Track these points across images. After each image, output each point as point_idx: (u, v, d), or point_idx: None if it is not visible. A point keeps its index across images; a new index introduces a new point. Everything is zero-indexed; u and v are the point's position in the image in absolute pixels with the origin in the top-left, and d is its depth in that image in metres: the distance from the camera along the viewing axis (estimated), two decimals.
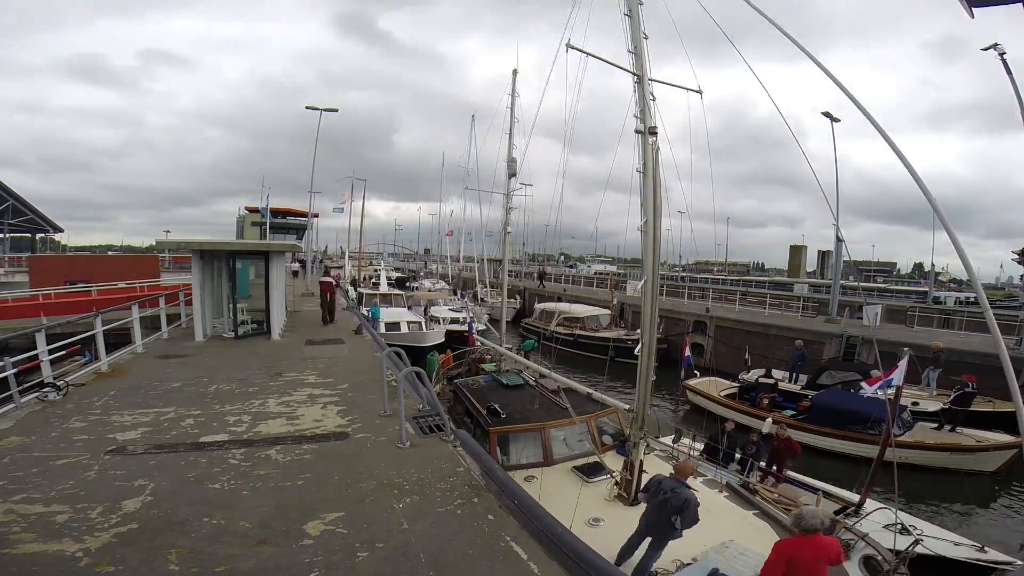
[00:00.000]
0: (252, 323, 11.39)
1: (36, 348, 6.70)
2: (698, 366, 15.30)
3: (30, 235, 43.60)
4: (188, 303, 11.65)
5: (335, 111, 24.12)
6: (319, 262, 36.98)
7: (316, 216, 37.44)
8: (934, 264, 34.59)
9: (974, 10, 4.42)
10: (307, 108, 23.52)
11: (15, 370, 5.80)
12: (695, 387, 14.72)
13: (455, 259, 42.69)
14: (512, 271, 45.37)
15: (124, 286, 20.67)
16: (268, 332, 11.13)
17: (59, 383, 6.55)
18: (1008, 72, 11.95)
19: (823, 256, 54.41)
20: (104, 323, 8.19)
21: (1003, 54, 11.97)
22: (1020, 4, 4.50)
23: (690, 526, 4.90)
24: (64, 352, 8.35)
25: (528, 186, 22.06)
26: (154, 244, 55.56)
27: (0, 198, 35.01)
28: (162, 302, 11.41)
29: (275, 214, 38.95)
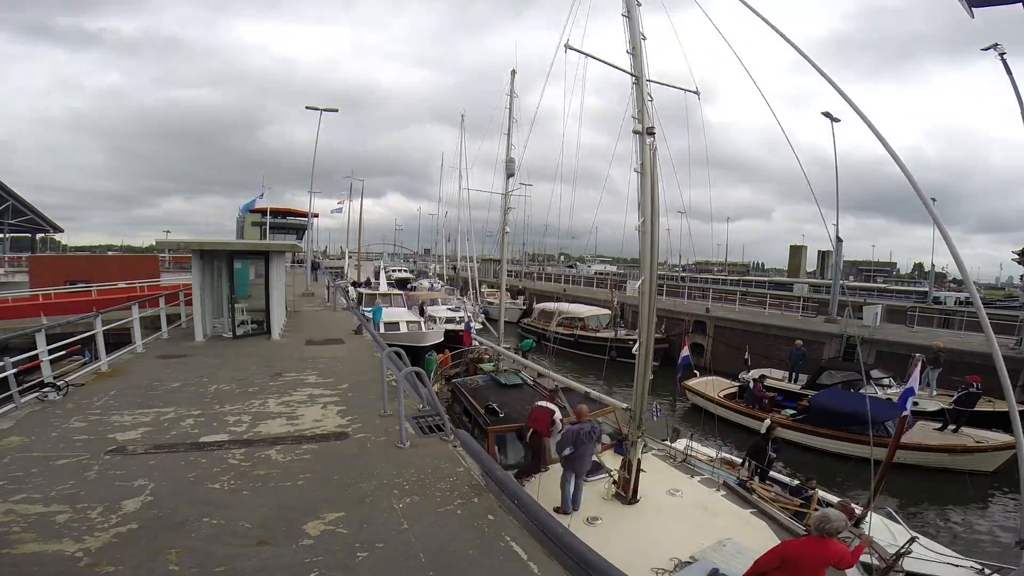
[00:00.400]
0: (252, 323, 11.40)
1: (36, 348, 6.70)
2: (697, 366, 15.28)
3: (30, 235, 43.51)
4: (188, 303, 11.65)
5: (335, 111, 24.05)
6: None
7: (316, 216, 37.47)
8: (934, 264, 34.61)
9: (974, 10, 4.43)
10: (307, 108, 23.44)
11: (15, 370, 5.79)
12: (694, 387, 14.72)
13: (451, 259, 42.64)
14: (512, 271, 45.46)
15: (124, 286, 20.66)
16: (268, 332, 11.14)
17: (59, 383, 6.55)
18: (1008, 72, 11.94)
19: (823, 256, 54.49)
20: (104, 323, 8.19)
21: (1003, 54, 11.95)
22: (1020, 4, 4.51)
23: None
24: (64, 352, 8.35)
25: (528, 185, 21.98)
26: (154, 244, 55.62)
27: (0, 198, 34.98)
28: (162, 302, 11.41)
29: (275, 214, 38.98)
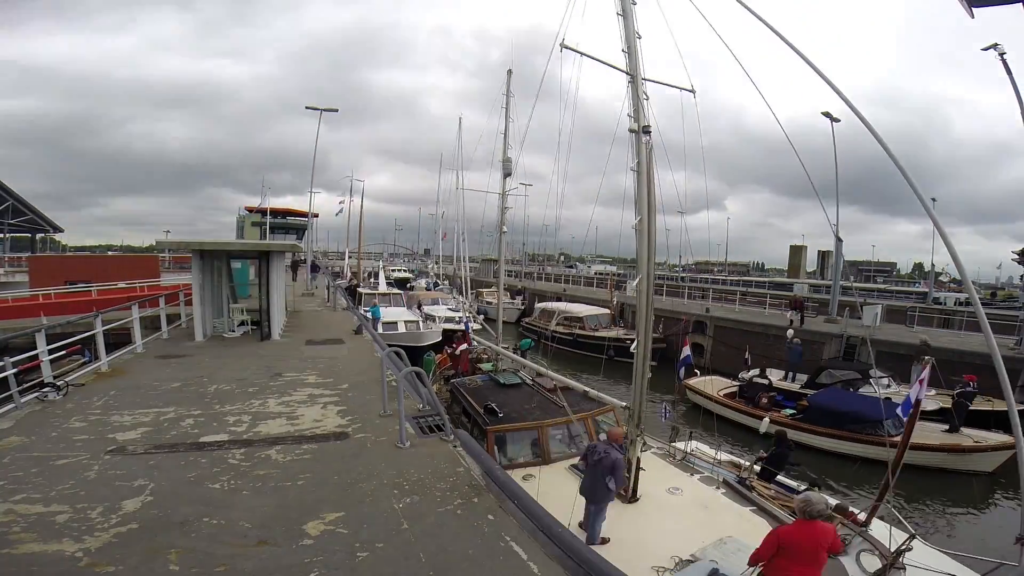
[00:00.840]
0: (252, 323, 11.39)
1: (36, 348, 6.70)
2: (697, 365, 15.28)
3: (30, 235, 43.49)
4: (188, 303, 11.65)
5: (335, 111, 24.15)
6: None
7: (316, 216, 37.44)
8: (934, 264, 34.64)
9: (974, 10, 4.44)
10: (307, 108, 23.53)
11: (15, 370, 5.79)
12: (694, 386, 14.72)
13: (448, 259, 42.66)
14: (512, 271, 45.37)
15: (124, 286, 20.68)
16: (268, 332, 11.14)
17: (59, 383, 6.55)
18: (1008, 72, 11.95)
19: (823, 256, 54.49)
20: (104, 323, 8.18)
21: (1003, 54, 11.96)
22: (1020, 4, 4.51)
23: (621, 486, 5.75)
24: (64, 352, 8.35)
25: (528, 185, 22.00)
26: (154, 244, 55.59)
27: (0, 198, 34.97)
28: (162, 302, 11.40)
29: (275, 214, 38.99)
